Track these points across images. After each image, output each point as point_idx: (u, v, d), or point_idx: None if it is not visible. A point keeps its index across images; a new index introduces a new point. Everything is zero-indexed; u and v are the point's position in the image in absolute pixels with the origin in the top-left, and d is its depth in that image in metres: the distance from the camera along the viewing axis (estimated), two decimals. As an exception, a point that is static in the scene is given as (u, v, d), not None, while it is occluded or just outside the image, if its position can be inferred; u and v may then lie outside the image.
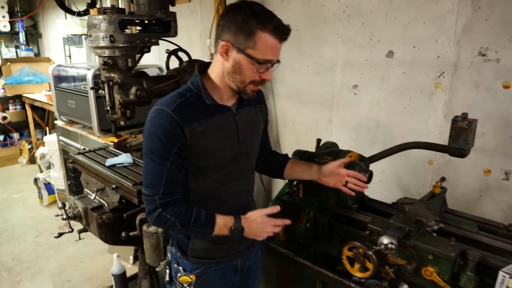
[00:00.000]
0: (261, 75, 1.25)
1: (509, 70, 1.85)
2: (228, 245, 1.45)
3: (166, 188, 1.25)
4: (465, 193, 2.11)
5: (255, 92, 1.31)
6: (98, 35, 2.07)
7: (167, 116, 1.22)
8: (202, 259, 1.44)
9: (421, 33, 2.09)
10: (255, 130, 1.47)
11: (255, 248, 1.63)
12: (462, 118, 1.57)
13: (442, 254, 1.31)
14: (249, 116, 1.43)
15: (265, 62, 1.21)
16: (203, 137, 1.27)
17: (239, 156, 1.39)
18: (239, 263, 1.53)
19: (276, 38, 1.19)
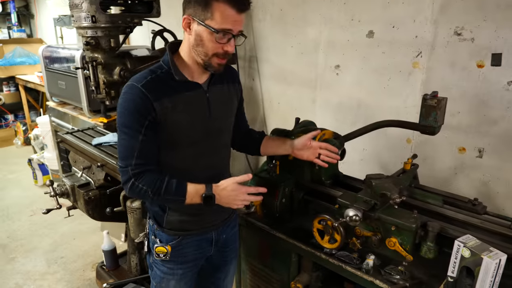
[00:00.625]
0: (223, 46, 1.27)
1: (483, 49, 1.88)
2: (203, 218, 1.52)
3: (138, 159, 1.30)
4: (442, 170, 2.18)
5: (221, 65, 1.33)
6: (80, 15, 2.09)
7: (137, 91, 1.27)
8: (177, 231, 1.50)
9: (400, 13, 2.11)
10: (228, 107, 1.51)
11: (232, 222, 1.69)
12: (431, 97, 1.61)
13: (404, 225, 1.38)
14: (221, 93, 1.47)
15: (223, 31, 1.23)
16: (173, 113, 1.32)
17: (211, 132, 1.44)
18: (214, 236, 1.59)
19: (232, 7, 1.21)
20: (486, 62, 1.89)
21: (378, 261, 1.50)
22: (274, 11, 2.72)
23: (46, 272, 2.98)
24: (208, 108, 1.41)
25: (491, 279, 1.18)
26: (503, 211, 1.99)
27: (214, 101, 1.43)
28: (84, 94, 3.25)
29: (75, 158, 2.43)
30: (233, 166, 3.12)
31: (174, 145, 1.38)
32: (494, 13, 1.82)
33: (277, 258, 1.86)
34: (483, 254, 1.19)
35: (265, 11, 2.78)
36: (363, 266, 1.48)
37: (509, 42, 1.80)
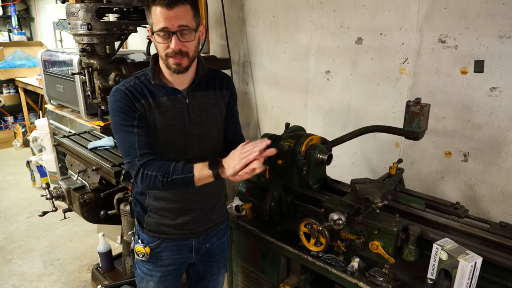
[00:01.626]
0: (168, 45, 1.32)
1: (466, 56, 1.93)
2: (182, 224, 1.55)
3: (140, 150, 1.35)
4: (429, 173, 2.23)
5: (180, 65, 1.36)
6: (76, 23, 2.15)
7: (121, 93, 1.38)
8: (156, 233, 1.55)
9: (387, 21, 2.16)
10: (211, 114, 1.52)
11: (218, 232, 1.70)
12: (414, 103, 1.66)
13: (386, 229, 1.43)
14: (204, 100, 1.50)
15: (159, 31, 1.30)
16: (151, 115, 1.39)
17: (192, 138, 1.47)
18: (195, 244, 1.61)
19: (161, 6, 1.28)
20: (469, 68, 1.94)
21: (363, 263, 1.55)
22: (267, 17, 2.77)
23: (42, 273, 3.03)
24: (187, 114, 1.45)
25: (468, 281, 1.23)
26: (488, 214, 2.05)
27: (194, 107, 1.47)
28: (81, 98, 3.29)
29: (71, 162, 2.48)
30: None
31: (157, 149, 1.43)
32: (475, 21, 1.87)
33: (266, 261, 1.91)
34: (459, 257, 1.24)
35: (258, 17, 2.83)
36: (348, 268, 1.53)
37: (491, 49, 1.85)
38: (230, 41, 3.02)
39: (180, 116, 1.44)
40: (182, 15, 1.30)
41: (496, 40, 1.84)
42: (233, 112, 1.64)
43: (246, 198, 1.89)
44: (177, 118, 1.44)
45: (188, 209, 1.55)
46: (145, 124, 1.39)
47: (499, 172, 1.97)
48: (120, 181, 2.03)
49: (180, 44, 1.33)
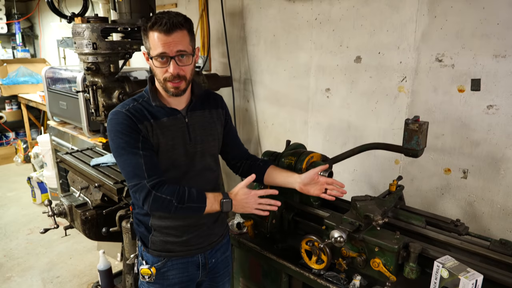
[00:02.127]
0: (167, 69, 1.35)
1: (463, 75, 1.97)
2: (188, 240, 1.55)
3: (149, 171, 1.36)
4: (429, 190, 2.24)
5: (178, 89, 1.39)
6: (82, 42, 2.20)
7: (122, 115, 1.38)
8: (162, 252, 1.54)
9: (385, 40, 2.21)
10: (209, 131, 1.56)
11: (222, 246, 1.71)
12: (413, 121, 1.69)
13: (386, 246, 1.44)
14: (201, 119, 1.54)
15: (157, 56, 1.33)
16: (154, 136, 1.41)
17: (193, 155, 1.50)
18: (201, 259, 1.61)
19: (159, 32, 1.30)
20: (466, 87, 1.98)
21: (365, 281, 1.55)
22: (268, 36, 2.83)
23: (42, 291, 3.01)
24: (187, 132, 1.48)
25: (468, 298, 1.23)
26: (488, 231, 2.05)
27: (194, 126, 1.50)
28: (84, 115, 3.34)
29: (74, 178, 2.50)
30: (229, 186, 3.19)
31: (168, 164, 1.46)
32: (471, 41, 1.92)
33: (268, 278, 1.90)
34: (460, 274, 1.25)
35: (259, 36, 2.89)
36: (350, 286, 1.53)
37: (487, 68, 1.89)
38: (232, 59, 3.08)
39: (181, 135, 1.47)
40: (180, 40, 1.34)
41: (491, 59, 1.88)
42: (231, 129, 1.72)
43: (248, 215, 1.90)
44: (179, 138, 1.46)
45: (194, 225, 1.56)
46: (149, 146, 1.40)
47: (499, 189, 1.99)
48: (123, 198, 2.04)
49: (178, 69, 1.36)
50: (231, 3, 3.01)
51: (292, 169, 1.83)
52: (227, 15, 3.03)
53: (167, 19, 1.31)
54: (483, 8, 1.87)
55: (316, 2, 2.49)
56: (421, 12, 2.06)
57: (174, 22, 1.32)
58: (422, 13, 2.05)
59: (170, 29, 1.31)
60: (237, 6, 2.97)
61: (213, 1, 3.11)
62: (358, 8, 2.30)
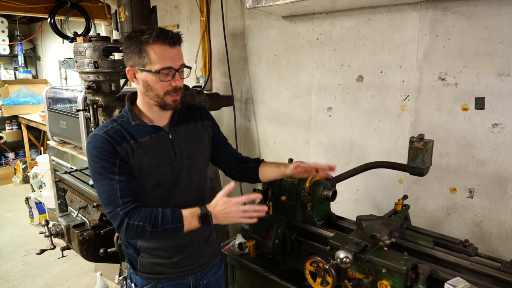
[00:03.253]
0: (171, 83, 1.33)
1: (466, 93, 1.96)
2: (178, 262, 1.50)
3: (123, 198, 1.29)
4: (434, 210, 2.19)
5: (177, 101, 1.37)
6: (83, 61, 2.20)
7: (100, 138, 1.33)
8: (151, 274, 1.49)
9: (386, 59, 2.22)
10: (196, 146, 1.52)
11: (214, 266, 1.65)
12: (418, 139, 1.67)
13: (394, 267, 1.38)
14: (186, 133, 1.50)
15: (163, 69, 1.30)
16: (136, 157, 1.35)
17: (180, 172, 1.45)
18: (192, 281, 1.55)
19: (164, 45, 1.29)
20: (470, 105, 1.97)
21: (371, 304, 1.49)
22: (269, 56, 2.85)
23: (36, 315, 2.91)
24: (172, 149, 1.44)
25: (481, 323, 1.18)
26: (497, 252, 2.00)
27: (178, 141, 1.46)
28: (84, 134, 3.32)
29: (72, 198, 2.45)
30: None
31: (143, 187, 1.40)
32: (474, 60, 1.92)
33: (271, 301, 1.84)
34: (472, 297, 1.19)
35: (260, 56, 2.91)
36: (356, 309, 1.47)
37: (491, 87, 1.89)
38: (233, 79, 3.08)
39: (166, 152, 1.42)
40: (181, 53, 1.36)
41: (495, 78, 1.88)
42: (221, 139, 1.69)
43: (249, 236, 1.85)
44: (163, 155, 1.42)
45: (183, 246, 1.52)
46: (127, 170, 1.33)
47: (506, 208, 1.94)
48: (121, 218, 1.99)
49: (181, 81, 1.38)
50: (233, 24, 3.04)
51: (295, 188, 1.79)
52: (228, 36, 3.06)
53: (170, 32, 1.31)
54: (485, 27, 1.88)
55: (317, 23, 2.51)
56: (422, 32, 2.07)
57: (177, 36, 1.34)
58: (424, 32, 2.06)
59: (175, 42, 1.32)
60: (239, 27, 3.00)
61: (215, 22, 3.14)
62: (359, 28, 2.31)
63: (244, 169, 1.72)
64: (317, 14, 2.49)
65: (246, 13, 2.93)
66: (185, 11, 3.46)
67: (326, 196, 1.76)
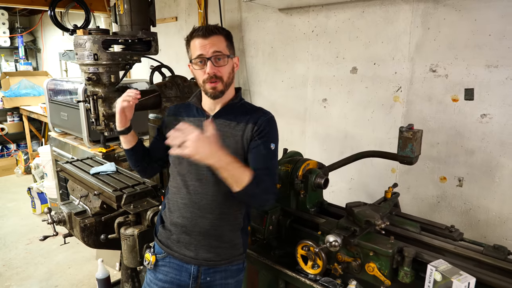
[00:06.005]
0: (204, 71, 1.44)
1: (457, 85, 2.02)
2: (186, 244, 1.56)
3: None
4: (425, 198, 2.26)
5: (215, 88, 1.46)
6: (83, 53, 2.25)
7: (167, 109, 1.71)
8: (163, 245, 1.60)
9: (380, 52, 2.27)
10: (226, 142, 1.47)
11: (225, 271, 1.61)
12: (407, 129, 1.73)
13: (381, 250, 1.45)
14: (224, 127, 1.50)
15: (195, 59, 1.45)
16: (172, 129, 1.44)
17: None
18: (194, 271, 1.58)
19: (197, 37, 1.44)
20: (460, 96, 2.02)
21: (361, 286, 1.56)
22: (266, 48, 2.89)
23: (40, 301, 3.00)
24: None
25: (461, 301, 1.25)
26: (485, 239, 2.07)
27: None
28: (84, 125, 3.38)
29: (73, 187, 2.52)
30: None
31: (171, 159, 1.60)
32: (464, 52, 1.97)
33: (266, 285, 1.91)
34: (453, 277, 1.26)
35: (257, 48, 2.95)
36: (346, 291, 1.54)
37: (480, 78, 1.94)
38: (231, 70, 3.13)
39: None
40: (216, 43, 1.43)
41: (484, 70, 1.93)
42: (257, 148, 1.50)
43: (246, 223, 1.92)
44: None
45: (190, 230, 1.55)
46: (157, 137, 1.67)
47: (494, 196, 2.01)
48: (121, 205, 2.06)
49: (215, 69, 1.43)
50: (230, 17, 3.08)
51: (289, 176, 1.86)
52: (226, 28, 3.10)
53: (205, 27, 1.45)
54: (475, 20, 1.92)
55: (312, 15, 2.55)
56: (414, 24, 2.12)
57: (211, 28, 1.44)
58: (416, 25, 2.11)
59: (207, 33, 1.43)
60: (236, 20, 3.04)
61: (212, 15, 3.18)
62: (353, 21, 2.36)
63: None
64: (313, 7, 2.53)
65: (243, 5, 2.97)
66: (184, 4, 3.49)
67: (318, 184, 1.82)
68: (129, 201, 2.06)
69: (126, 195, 2.05)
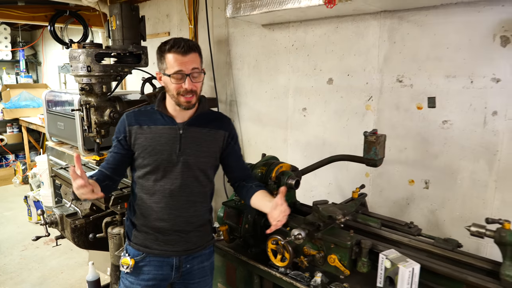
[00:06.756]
0: (182, 85, 1.55)
1: (420, 94, 2.18)
2: (166, 241, 1.70)
3: (105, 163, 1.69)
4: (396, 201, 2.40)
5: (189, 102, 1.59)
6: (78, 65, 2.43)
7: (123, 117, 1.70)
8: (141, 247, 1.70)
9: (352, 63, 2.44)
10: (202, 148, 1.69)
11: (200, 256, 1.80)
12: (371, 133, 1.88)
13: (341, 243, 1.59)
14: (198, 135, 1.68)
15: (174, 73, 1.53)
16: (143, 138, 1.62)
17: (177, 164, 1.65)
18: (176, 262, 1.73)
19: (176, 53, 1.52)
20: (424, 104, 2.19)
21: (326, 279, 1.69)
22: (250, 61, 3.08)
23: (32, 303, 3.10)
24: (178, 143, 1.64)
25: (407, 286, 1.38)
26: (450, 238, 2.19)
27: (186, 139, 1.66)
28: (80, 134, 3.54)
29: (66, 191, 2.66)
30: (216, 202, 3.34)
31: (143, 167, 1.65)
32: (425, 63, 2.14)
33: (242, 281, 2.04)
34: (399, 264, 1.40)
35: (243, 61, 3.13)
36: (311, 283, 1.67)
37: (440, 87, 2.11)
38: (219, 82, 3.32)
39: (171, 143, 1.63)
40: (194, 59, 1.57)
41: (444, 79, 2.10)
42: (233, 152, 1.80)
43: (223, 221, 2.06)
44: (168, 145, 1.63)
45: (166, 229, 1.70)
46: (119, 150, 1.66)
47: (456, 197, 2.15)
48: (109, 206, 2.20)
49: (192, 85, 1.57)
50: (219, 32, 3.27)
51: (263, 178, 2.00)
52: (215, 43, 3.29)
53: (184, 43, 1.55)
54: (434, 34, 2.10)
55: (292, 30, 2.74)
56: (382, 39, 2.29)
57: (190, 45, 1.56)
58: (383, 39, 2.29)
59: (187, 51, 1.54)
60: (224, 34, 3.23)
61: (202, 30, 3.37)
62: (329, 35, 2.54)
63: (243, 187, 1.79)
64: (292, 23, 2.72)
65: (230, 21, 3.16)
66: (176, 20, 3.70)
67: (290, 185, 1.96)
68: (117, 202, 2.20)
69: (114, 197, 2.20)
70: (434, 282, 1.47)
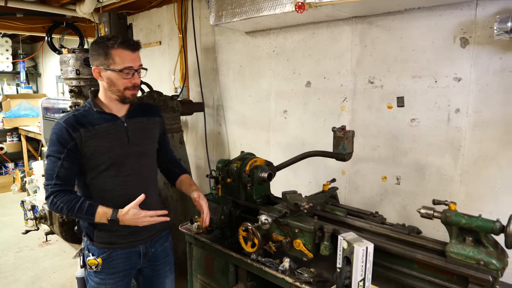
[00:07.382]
0: (131, 80, 1.64)
1: (390, 94, 2.31)
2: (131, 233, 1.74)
3: (57, 180, 1.58)
4: (371, 197, 2.50)
5: (135, 95, 1.70)
6: (67, 69, 2.58)
7: (60, 126, 1.61)
8: (106, 244, 1.73)
9: (328, 67, 2.58)
10: (147, 135, 1.82)
11: (161, 238, 1.91)
12: (339, 129, 2.00)
13: (305, 228, 1.69)
14: (140, 124, 1.79)
15: (125, 69, 1.61)
16: (92, 140, 1.63)
17: (132, 155, 1.73)
18: (143, 249, 1.81)
19: (125, 49, 1.61)
20: (393, 104, 2.31)
21: (295, 265, 1.79)
22: (235, 67, 3.22)
23: (23, 301, 3.18)
24: (126, 135, 1.73)
25: (362, 264, 1.48)
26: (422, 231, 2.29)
27: (133, 130, 1.75)
28: (73, 138, 3.67)
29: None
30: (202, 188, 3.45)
31: (98, 167, 1.66)
32: (394, 65, 2.27)
33: (219, 271, 2.13)
34: (355, 243, 1.50)
35: (228, 67, 3.28)
36: (280, 267, 1.77)
37: (408, 87, 2.23)
38: (206, 88, 3.46)
39: (120, 138, 1.70)
40: (139, 58, 1.70)
41: (411, 80, 2.22)
42: (165, 135, 1.98)
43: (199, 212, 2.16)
44: (118, 140, 1.69)
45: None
46: (72, 159, 1.59)
47: (425, 192, 2.25)
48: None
49: (138, 80, 1.71)
50: (206, 40, 3.43)
51: (238, 172, 2.11)
52: (202, 50, 3.45)
53: (131, 40, 1.67)
54: (401, 38, 2.24)
55: (273, 37, 2.89)
56: (354, 43, 2.43)
57: (137, 43, 1.69)
58: (356, 43, 2.43)
59: (135, 48, 1.66)
60: (210, 42, 3.39)
61: (190, 39, 3.54)
62: (306, 41, 2.68)
63: (169, 170, 1.99)
64: (273, 30, 2.88)
65: (216, 30, 3.32)
66: (166, 29, 3.87)
67: (262, 178, 2.08)
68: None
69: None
70: (389, 262, 1.56)
